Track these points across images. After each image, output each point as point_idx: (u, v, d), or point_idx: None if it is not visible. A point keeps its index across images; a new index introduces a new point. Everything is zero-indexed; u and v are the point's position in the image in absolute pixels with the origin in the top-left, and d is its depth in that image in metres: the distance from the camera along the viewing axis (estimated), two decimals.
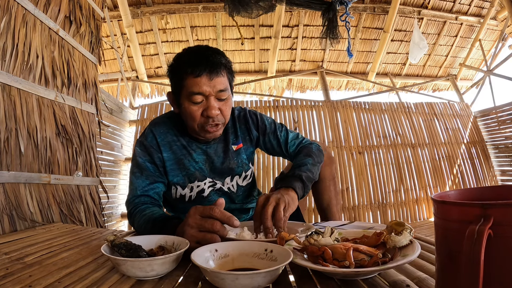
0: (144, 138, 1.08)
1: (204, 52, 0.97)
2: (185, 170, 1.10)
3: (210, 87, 0.95)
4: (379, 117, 3.67)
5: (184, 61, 0.97)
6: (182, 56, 1.00)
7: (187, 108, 0.98)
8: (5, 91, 1.34)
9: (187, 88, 0.96)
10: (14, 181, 1.31)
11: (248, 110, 1.22)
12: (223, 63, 0.97)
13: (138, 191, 1.02)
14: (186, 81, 0.96)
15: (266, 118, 1.22)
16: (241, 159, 1.16)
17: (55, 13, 1.73)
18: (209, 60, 0.95)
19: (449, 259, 0.38)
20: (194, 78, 0.94)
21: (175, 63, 1.02)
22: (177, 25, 3.79)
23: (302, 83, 4.49)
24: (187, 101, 0.98)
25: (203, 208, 0.75)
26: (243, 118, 1.18)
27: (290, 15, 3.85)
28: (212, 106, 0.96)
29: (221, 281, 0.52)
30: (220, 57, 0.98)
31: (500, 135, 3.81)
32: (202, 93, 0.95)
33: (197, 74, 0.93)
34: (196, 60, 0.95)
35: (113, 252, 0.64)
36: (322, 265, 0.55)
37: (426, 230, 2.71)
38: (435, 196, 0.42)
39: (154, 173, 1.05)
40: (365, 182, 3.34)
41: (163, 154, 1.07)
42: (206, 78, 0.94)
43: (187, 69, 0.95)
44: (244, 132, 1.18)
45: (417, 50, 3.71)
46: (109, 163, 2.79)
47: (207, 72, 0.94)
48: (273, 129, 1.20)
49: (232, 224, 0.72)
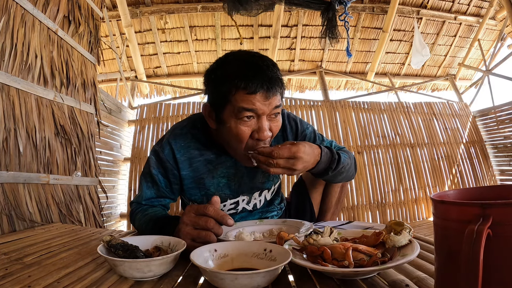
0: (161, 150, 0.98)
1: (258, 63, 0.82)
2: (204, 190, 1.01)
3: (265, 105, 0.81)
4: (378, 117, 3.68)
5: (234, 73, 0.82)
6: (229, 64, 0.85)
7: (234, 128, 0.84)
8: (4, 91, 1.34)
9: (236, 103, 0.81)
10: (13, 181, 1.31)
11: (287, 115, 1.07)
12: (279, 78, 0.84)
13: (144, 201, 1.00)
14: (235, 96, 0.81)
15: (306, 126, 1.09)
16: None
17: (54, 13, 1.73)
18: (266, 74, 0.80)
19: (448, 259, 0.38)
20: (247, 95, 0.80)
21: (220, 72, 0.85)
22: (176, 25, 3.79)
23: (301, 83, 4.49)
24: (234, 119, 0.83)
25: (197, 206, 0.75)
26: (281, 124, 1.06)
27: (289, 15, 3.85)
28: (264, 127, 0.83)
29: (221, 281, 0.52)
30: (276, 70, 0.84)
31: (499, 135, 3.82)
32: (255, 111, 0.81)
33: (252, 91, 0.79)
34: (250, 74, 0.80)
35: (109, 252, 0.64)
36: (322, 265, 0.55)
37: (425, 229, 2.71)
38: (434, 195, 0.42)
39: (164, 189, 1.00)
40: (364, 182, 3.35)
41: (181, 172, 0.98)
42: (262, 96, 0.80)
43: (238, 83, 0.80)
44: (280, 141, 1.04)
45: (419, 57, 3.71)
46: (108, 163, 2.79)
47: (265, 90, 0.80)
48: (312, 139, 1.08)
49: (226, 222, 0.72)
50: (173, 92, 4.29)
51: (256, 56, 0.85)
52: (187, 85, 4.18)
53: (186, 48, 3.97)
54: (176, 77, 4.17)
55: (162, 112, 3.41)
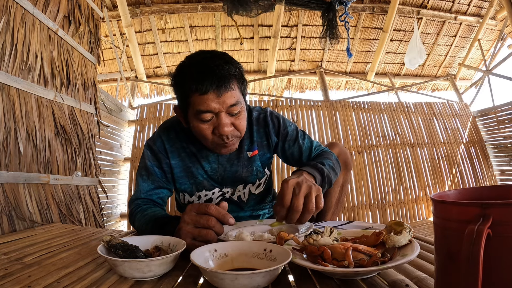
0: (153, 143, 1.05)
1: (208, 64, 0.85)
2: (192, 178, 1.06)
3: (219, 103, 0.84)
4: (378, 117, 3.68)
5: (188, 76, 0.86)
6: (184, 69, 0.89)
7: (196, 127, 0.89)
8: (4, 91, 1.34)
9: (194, 106, 0.86)
10: (13, 181, 1.31)
11: (270, 112, 1.10)
12: (232, 74, 0.86)
13: (142, 194, 1.02)
14: (192, 99, 0.86)
15: (289, 124, 1.12)
16: (256, 166, 1.08)
17: (54, 13, 1.73)
18: (215, 73, 0.83)
19: (448, 259, 0.38)
20: (200, 96, 0.84)
21: (178, 78, 0.91)
22: (176, 25, 3.79)
23: (301, 83, 4.49)
24: (195, 119, 0.89)
25: (199, 205, 0.75)
26: (263, 121, 1.08)
27: (289, 15, 3.85)
28: (223, 123, 0.86)
29: (221, 281, 0.52)
30: (228, 67, 0.86)
31: (499, 135, 3.82)
32: (211, 111, 0.85)
33: (203, 91, 0.83)
34: (200, 75, 0.84)
35: (109, 252, 0.64)
36: (322, 265, 0.55)
37: (425, 229, 2.71)
38: (434, 195, 0.42)
39: (160, 179, 1.04)
40: (364, 182, 3.35)
41: (171, 161, 1.04)
42: (213, 95, 0.83)
43: (191, 86, 0.84)
44: (262, 136, 1.08)
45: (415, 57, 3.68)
46: (108, 163, 2.79)
47: (215, 88, 0.83)
48: (294, 136, 1.10)
49: (227, 221, 0.72)
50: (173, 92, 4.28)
51: (208, 56, 0.88)
52: None
53: (186, 48, 3.97)
54: None
55: (162, 112, 3.41)
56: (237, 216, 1.12)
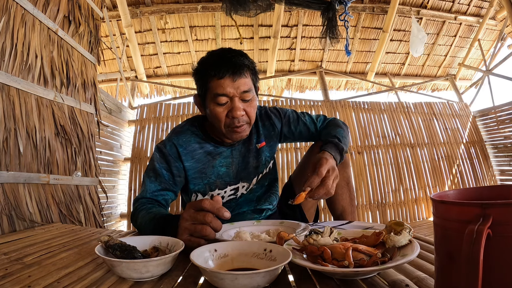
0: (164, 146, 1.10)
1: (226, 54, 1.00)
2: (206, 179, 1.13)
3: (233, 88, 0.97)
4: (378, 117, 3.67)
5: (208, 64, 1.00)
6: (206, 59, 1.04)
7: (212, 110, 1.01)
8: (4, 91, 1.34)
9: (212, 90, 0.99)
10: (13, 181, 1.31)
11: (268, 107, 1.26)
12: (246, 64, 1.00)
13: (148, 194, 1.05)
14: (210, 84, 0.99)
15: (285, 110, 1.27)
16: (264, 156, 1.20)
17: (54, 13, 1.73)
18: (232, 61, 0.97)
19: (448, 259, 0.38)
20: (218, 80, 0.97)
21: (199, 66, 1.04)
22: (176, 25, 3.79)
23: (301, 83, 4.49)
24: (212, 103, 1.00)
25: (195, 202, 0.77)
26: (265, 115, 1.22)
27: (289, 15, 3.85)
28: (236, 107, 0.98)
29: (220, 281, 0.52)
30: (243, 58, 1.00)
31: (499, 135, 3.81)
32: (226, 95, 0.98)
33: (220, 76, 0.96)
34: (219, 62, 0.97)
35: (107, 253, 0.64)
36: (322, 265, 0.55)
37: (425, 229, 2.71)
38: (434, 195, 0.42)
39: (167, 181, 1.08)
40: (364, 182, 3.35)
41: (184, 163, 1.10)
42: (229, 80, 0.96)
43: (210, 72, 0.97)
44: (269, 128, 1.21)
45: (417, 42, 3.67)
46: (108, 163, 2.79)
47: (230, 74, 0.96)
48: (295, 117, 1.24)
49: (222, 215, 0.73)
50: (173, 92, 4.29)
51: (226, 50, 1.03)
52: (187, 85, 4.18)
53: (186, 48, 3.97)
54: (176, 77, 4.17)
55: (162, 112, 3.41)
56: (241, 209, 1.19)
